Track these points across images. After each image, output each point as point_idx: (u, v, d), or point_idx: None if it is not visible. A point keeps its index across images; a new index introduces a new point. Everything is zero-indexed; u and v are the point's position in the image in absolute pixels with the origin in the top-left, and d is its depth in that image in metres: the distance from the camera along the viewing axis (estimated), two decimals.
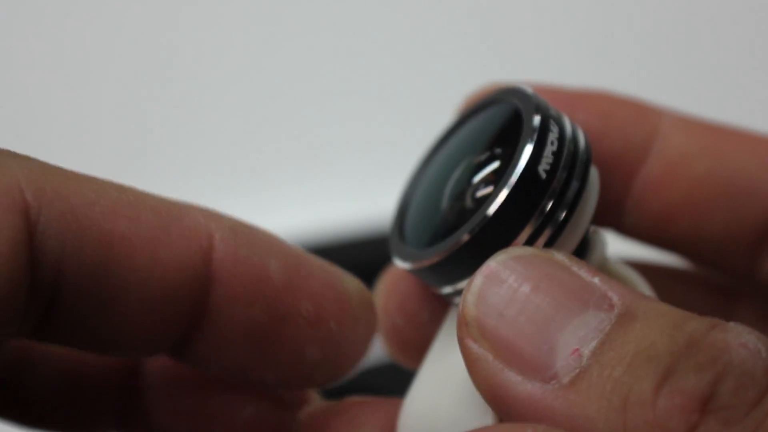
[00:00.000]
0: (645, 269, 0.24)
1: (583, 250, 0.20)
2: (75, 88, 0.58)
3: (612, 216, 0.24)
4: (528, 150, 0.18)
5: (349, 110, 0.59)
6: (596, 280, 0.18)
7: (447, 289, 0.20)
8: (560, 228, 0.19)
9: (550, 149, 0.19)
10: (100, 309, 0.18)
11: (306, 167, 0.57)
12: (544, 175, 0.18)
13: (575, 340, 0.17)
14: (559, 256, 0.18)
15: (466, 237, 0.19)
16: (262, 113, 0.59)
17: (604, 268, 0.21)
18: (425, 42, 0.61)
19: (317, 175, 0.56)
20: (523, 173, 0.18)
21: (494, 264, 0.18)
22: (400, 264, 0.21)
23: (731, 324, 0.17)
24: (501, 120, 0.20)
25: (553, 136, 0.19)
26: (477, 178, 0.20)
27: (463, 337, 0.18)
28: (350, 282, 0.21)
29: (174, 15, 0.61)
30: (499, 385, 0.17)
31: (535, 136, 0.19)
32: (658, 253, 0.25)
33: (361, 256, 0.46)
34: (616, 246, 0.24)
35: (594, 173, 0.20)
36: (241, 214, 0.21)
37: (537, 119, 0.19)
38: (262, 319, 0.20)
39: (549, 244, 0.19)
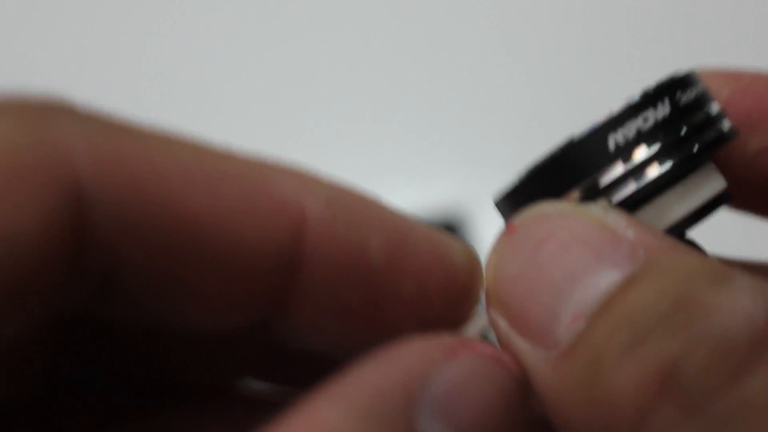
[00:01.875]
0: None
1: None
2: (75, 89, 0.58)
3: None
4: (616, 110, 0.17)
5: (348, 111, 0.59)
6: (629, 232, 0.16)
7: None
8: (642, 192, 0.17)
9: (640, 120, 0.17)
10: (170, 289, 0.16)
11: (306, 167, 0.57)
12: (612, 143, 0.17)
13: (579, 304, 0.15)
14: (595, 210, 0.16)
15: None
16: (263, 113, 0.59)
17: None
18: (427, 42, 0.61)
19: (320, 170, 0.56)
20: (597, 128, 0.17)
21: (516, 223, 0.17)
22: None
23: (739, 281, 0.15)
24: None
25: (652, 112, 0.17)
26: None
27: (486, 303, 0.17)
28: (459, 252, 0.19)
29: (174, 13, 0.61)
30: (513, 352, 0.16)
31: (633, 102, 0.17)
32: None
33: None
34: None
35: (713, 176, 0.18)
36: None
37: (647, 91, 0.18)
38: (358, 302, 0.18)
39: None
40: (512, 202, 0.18)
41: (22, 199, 0.14)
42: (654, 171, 0.17)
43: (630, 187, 0.17)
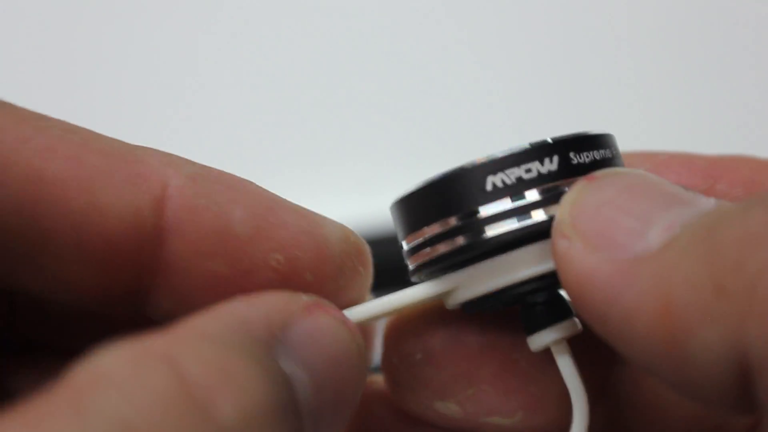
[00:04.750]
0: None
1: None
2: (82, 89, 0.58)
3: None
4: None
5: (347, 111, 0.59)
6: (706, 197, 0.17)
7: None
8: None
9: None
10: (32, 251, 0.17)
11: (306, 167, 0.57)
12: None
13: (673, 218, 0.16)
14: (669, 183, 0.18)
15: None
16: (265, 112, 0.59)
17: None
18: (431, 46, 0.61)
19: (316, 174, 0.56)
20: None
21: (598, 174, 0.18)
22: None
23: None
24: None
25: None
26: None
27: (555, 238, 0.18)
28: (332, 229, 0.20)
29: (180, 13, 0.61)
30: (584, 272, 0.17)
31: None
32: None
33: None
34: None
35: None
36: None
37: None
38: (225, 271, 0.19)
39: None
40: (402, 208, 0.20)
41: None
42: (539, 215, 0.19)
43: (511, 224, 0.19)
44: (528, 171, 0.19)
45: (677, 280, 0.15)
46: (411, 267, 0.21)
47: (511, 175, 0.19)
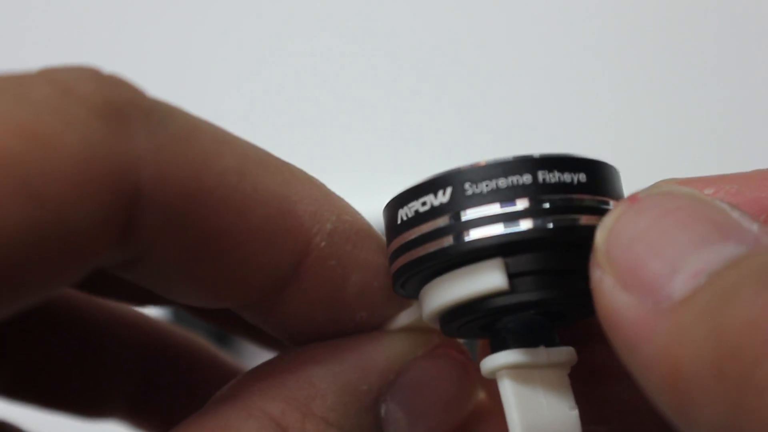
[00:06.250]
0: None
1: None
2: None
3: None
4: None
5: (347, 110, 0.59)
6: (755, 226, 0.16)
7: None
8: None
9: None
10: (180, 273, 0.18)
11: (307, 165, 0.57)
12: None
13: (701, 263, 0.16)
14: (721, 203, 0.17)
15: None
16: (266, 111, 0.60)
17: None
18: (431, 46, 0.62)
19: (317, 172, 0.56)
20: None
21: (641, 194, 0.17)
22: None
23: None
24: None
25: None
26: None
27: (591, 265, 0.17)
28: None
29: (173, 14, 0.61)
30: (613, 309, 0.17)
31: None
32: None
33: None
34: None
35: None
36: None
37: None
38: (320, 318, 0.20)
39: None
40: (386, 211, 0.20)
41: (88, 196, 0.16)
42: (527, 223, 0.18)
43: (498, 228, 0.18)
44: (423, 204, 0.19)
45: (686, 350, 0.15)
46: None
47: (411, 208, 0.19)
